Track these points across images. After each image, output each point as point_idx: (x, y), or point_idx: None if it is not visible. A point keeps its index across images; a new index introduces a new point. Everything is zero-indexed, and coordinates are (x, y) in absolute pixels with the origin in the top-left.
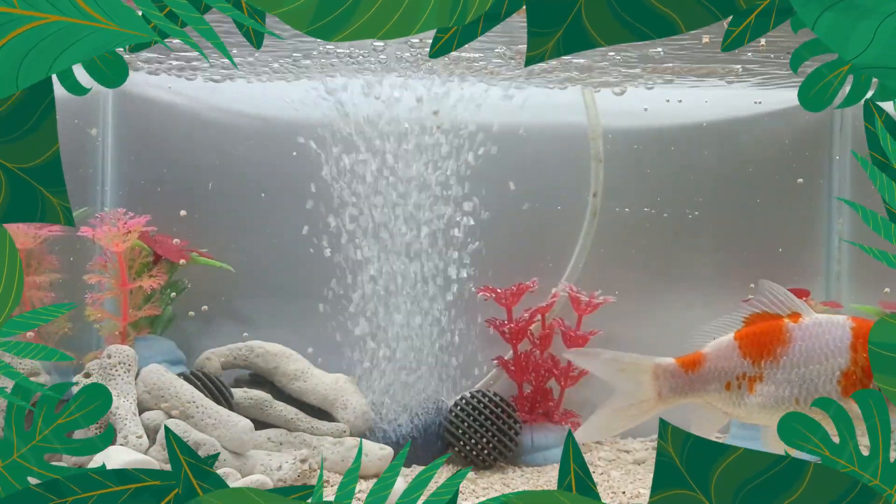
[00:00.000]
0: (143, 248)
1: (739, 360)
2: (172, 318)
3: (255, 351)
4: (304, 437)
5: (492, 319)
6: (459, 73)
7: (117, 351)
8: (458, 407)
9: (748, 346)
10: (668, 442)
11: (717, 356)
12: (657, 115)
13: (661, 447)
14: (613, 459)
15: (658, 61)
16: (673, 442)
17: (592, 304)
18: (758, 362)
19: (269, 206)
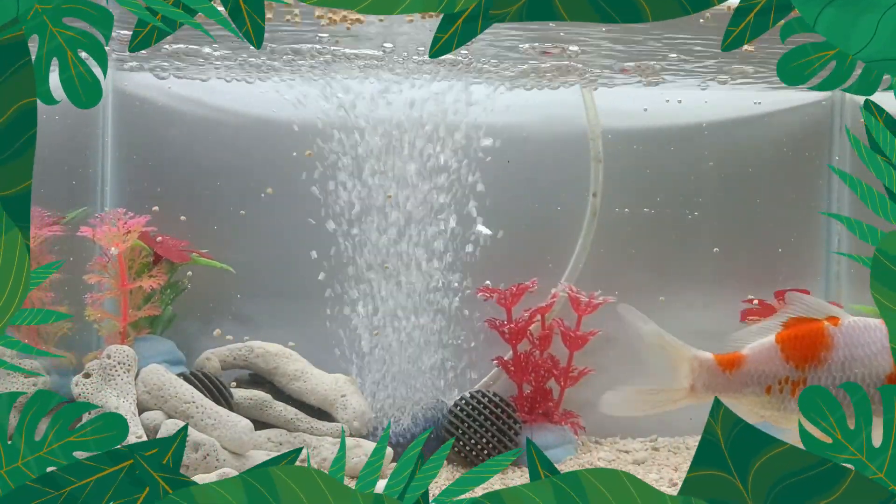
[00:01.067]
0: (143, 248)
1: (782, 364)
2: (172, 318)
3: (254, 351)
4: (303, 437)
5: (491, 320)
6: (459, 73)
7: (117, 351)
8: (457, 407)
9: (791, 349)
10: (717, 422)
11: (758, 359)
12: (657, 115)
13: (709, 425)
14: (613, 460)
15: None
16: (723, 423)
17: (592, 304)
18: (801, 366)
19: (269, 206)
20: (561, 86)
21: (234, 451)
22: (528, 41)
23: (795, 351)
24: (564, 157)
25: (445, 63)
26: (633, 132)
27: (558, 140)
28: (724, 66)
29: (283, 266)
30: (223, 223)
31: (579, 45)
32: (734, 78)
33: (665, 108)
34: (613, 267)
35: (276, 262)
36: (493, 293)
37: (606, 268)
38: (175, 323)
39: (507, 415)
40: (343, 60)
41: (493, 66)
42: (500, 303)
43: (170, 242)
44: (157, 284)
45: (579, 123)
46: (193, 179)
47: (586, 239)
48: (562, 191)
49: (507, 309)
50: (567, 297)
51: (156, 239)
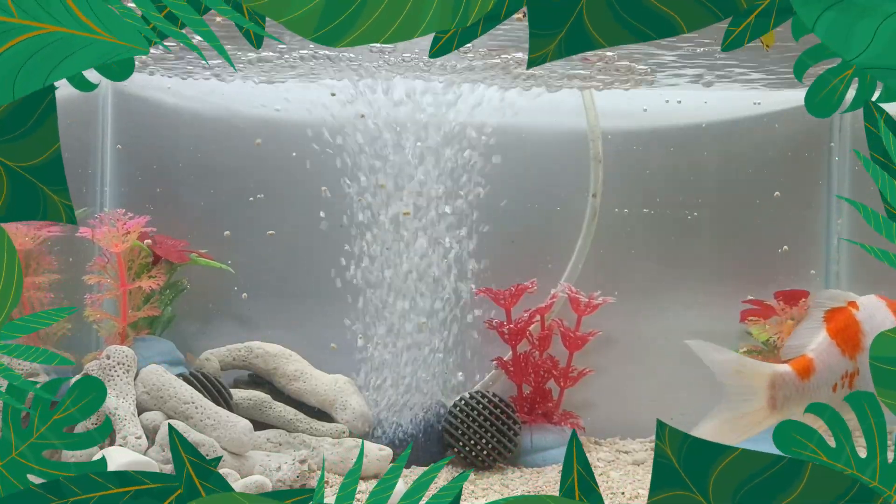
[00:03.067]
0: (143, 248)
1: (841, 359)
2: (172, 318)
3: (254, 351)
4: (303, 437)
5: (491, 320)
6: (458, 74)
7: (116, 352)
8: (457, 408)
9: (843, 342)
10: (665, 442)
11: (824, 359)
12: (657, 115)
13: (658, 448)
14: (613, 460)
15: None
16: (670, 442)
17: (592, 304)
18: (853, 357)
19: (270, 206)
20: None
21: (233, 451)
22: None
23: (846, 343)
24: (564, 158)
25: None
26: (633, 132)
27: (558, 140)
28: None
29: (283, 266)
30: (223, 223)
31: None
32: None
33: (665, 109)
34: (613, 267)
35: (276, 263)
36: (493, 293)
37: (606, 268)
38: (174, 323)
39: (506, 415)
40: (343, 61)
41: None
42: (500, 303)
43: (169, 243)
44: (156, 285)
45: (579, 124)
46: (193, 179)
47: (586, 239)
48: (562, 191)
49: (506, 309)
50: (567, 297)
51: (152, 239)
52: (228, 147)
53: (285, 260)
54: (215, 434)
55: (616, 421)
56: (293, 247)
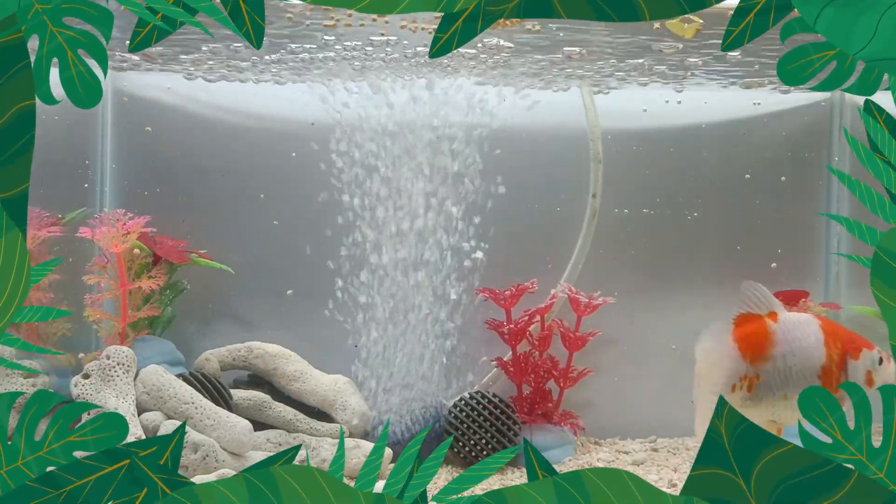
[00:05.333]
0: (143, 248)
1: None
2: (171, 318)
3: (254, 352)
4: (303, 438)
5: (491, 320)
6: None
7: (116, 352)
8: (457, 408)
9: (746, 348)
10: (721, 421)
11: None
12: (656, 116)
13: (713, 425)
14: (613, 460)
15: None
16: (727, 422)
17: (592, 304)
18: (755, 363)
19: (269, 206)
20: (561, 87)
21: (233, 451)
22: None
23: (748, 349)
24: (564, 158)
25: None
26: (633, 133)
27: (558, 141)
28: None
29: (283, 266)
30: (223, 223)
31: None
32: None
33: (664, 109)
34: (613, 268)
35: (277, 263)
36: (493, 294)
37: (606, 269)
38: (174, 323)
39: (506, 415)
40: (342, 61)
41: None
42: (500, 303)
43: (168, 243)
44: (156, 285)
45: (579, 124)
46: (193, 179)
47: (586, 240)
48: (561, 192)
49: (506, 310)
50: (567, 297)
51: (153, 239)
52: (228, 147)
53: (285, 260)
54: (215, 434)
55: (616, 421)
56: (293, 247)
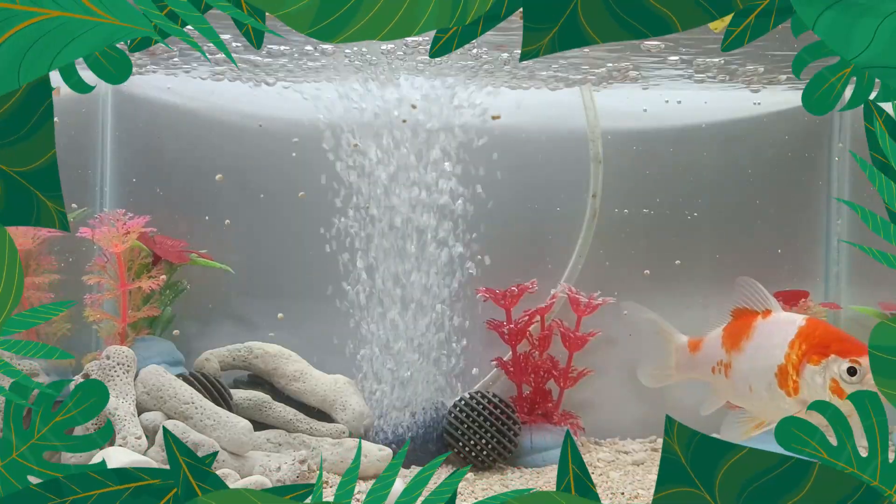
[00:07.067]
0: (143, 248)
1: (719, 350)
2: (172, 318)
3: (254, 352)
4: (303, 438)
5: (491, 320)
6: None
7: (116, 352)
8: (457, 408)
9: (727, 336)
10: (673, 439)
11: (709, 343)
12: (656, 116)
13: (666, 444)
14: (612, 461)
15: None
16: (679, 439)
17: (591, 305)
18: (729, 351)
19: (269, 206)
20: (560, 87)
21: (233, 451)
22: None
23: (728, 338)
24: (564, 159)
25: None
26: (633, 133)
27: (558, 141)
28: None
29: (283, 266)
30: (223, 223)
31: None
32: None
33: (664, 109)
34: (613, 268)
35: (277, 263)
36: (493, 294)
37: (606, 269)
38: (174, 323)
39: (506, 415)
40: (342, 61)
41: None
42: (500, 304)
43: (168, 243)
44: (156, 285)
45: (579, 124)
46: (193, 179)
47: (586, 240)
48: (561, 192)
49: (506, 310)
50: (566, 297)
51: (153, 239)
52: (228, 147)
53: (285, 260)
54: (215, 434)
55: (616, 421)
56: (293, 247)
